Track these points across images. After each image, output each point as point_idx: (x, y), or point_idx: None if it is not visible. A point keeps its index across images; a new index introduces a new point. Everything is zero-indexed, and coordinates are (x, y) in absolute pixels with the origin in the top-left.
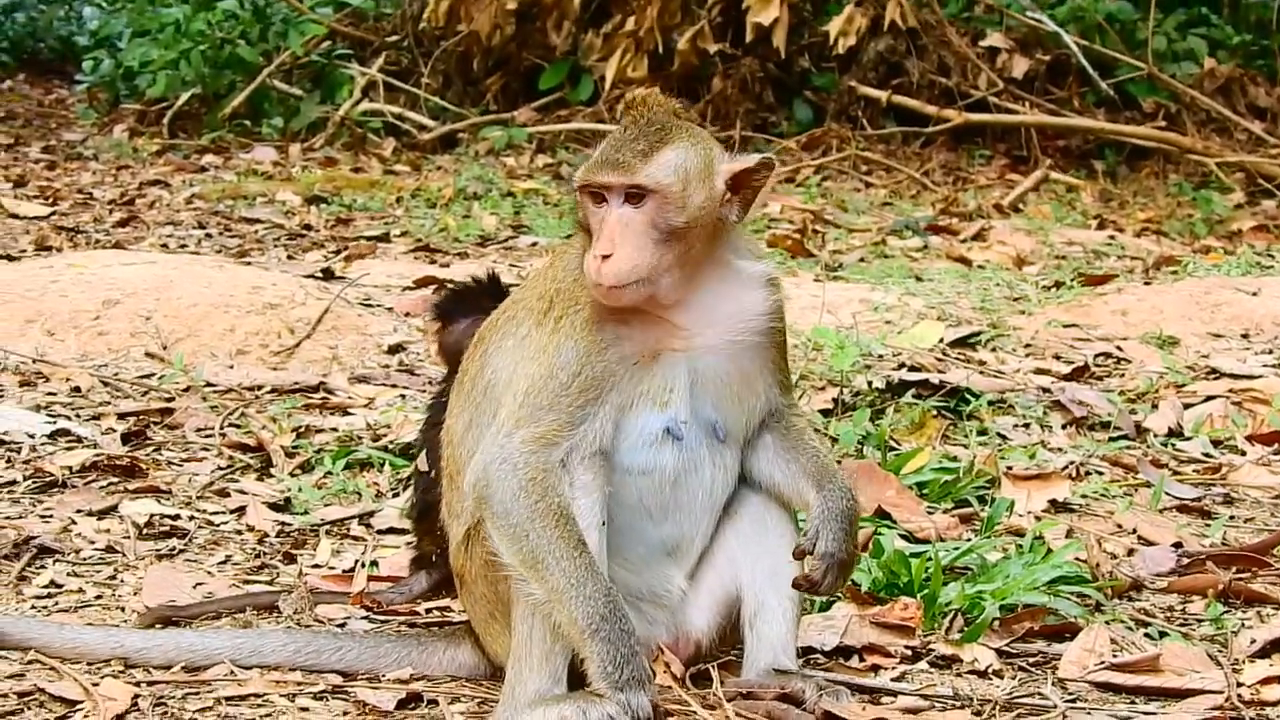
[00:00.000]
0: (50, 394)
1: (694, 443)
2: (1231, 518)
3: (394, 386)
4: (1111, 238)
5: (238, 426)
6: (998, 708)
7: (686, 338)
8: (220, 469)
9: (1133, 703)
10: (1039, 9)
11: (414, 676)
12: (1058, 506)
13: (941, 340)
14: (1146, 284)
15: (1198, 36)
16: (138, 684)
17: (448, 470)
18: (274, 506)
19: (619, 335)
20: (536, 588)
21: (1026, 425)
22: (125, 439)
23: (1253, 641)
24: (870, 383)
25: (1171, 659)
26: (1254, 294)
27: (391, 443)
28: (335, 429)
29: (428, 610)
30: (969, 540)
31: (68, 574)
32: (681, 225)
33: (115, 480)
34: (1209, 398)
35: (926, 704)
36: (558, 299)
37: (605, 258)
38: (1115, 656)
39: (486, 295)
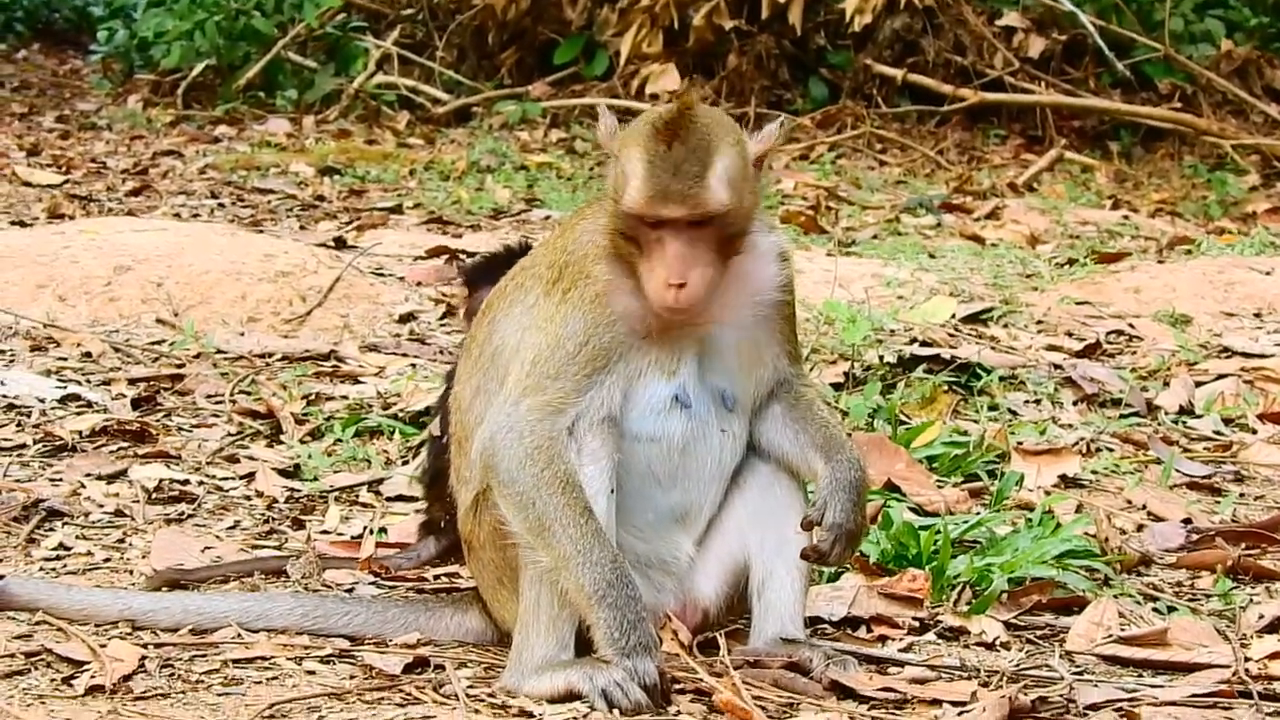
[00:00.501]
0: (61, 359)
1: (703, 411)
2: (1241, 495)
3: (405, 355)
4: (1126, 218)
5: (248, 393)
6: (1004, 679)
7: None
8: (230, 435)
9: (1140, 676)
10: None
11: (421, 641)
12: (1068, 482)
13: (953, 316)
14: (1160, 263)
15: (1215, 18)
16: (145, 645)
17: (456, 436)
18: (283, 473)
19: (628, 309)
20: (543, 554)
21: (1037, 401)
22: (135, 404)
23: (1260, 617)
24: (881, 357)
25: (1179, 633)
26: (1267, 273)
27: (402, 411)
28: (346, 397)
29: (435, 576)
30: (978, 514)
31: (76, 537)
32: (739, 230)
33: (125, 445)
34: (1221, 376)
35: (934, 674)
36: (567, 270)
37: (680, 286)
38: (1123, 630)
39: (514, 263)
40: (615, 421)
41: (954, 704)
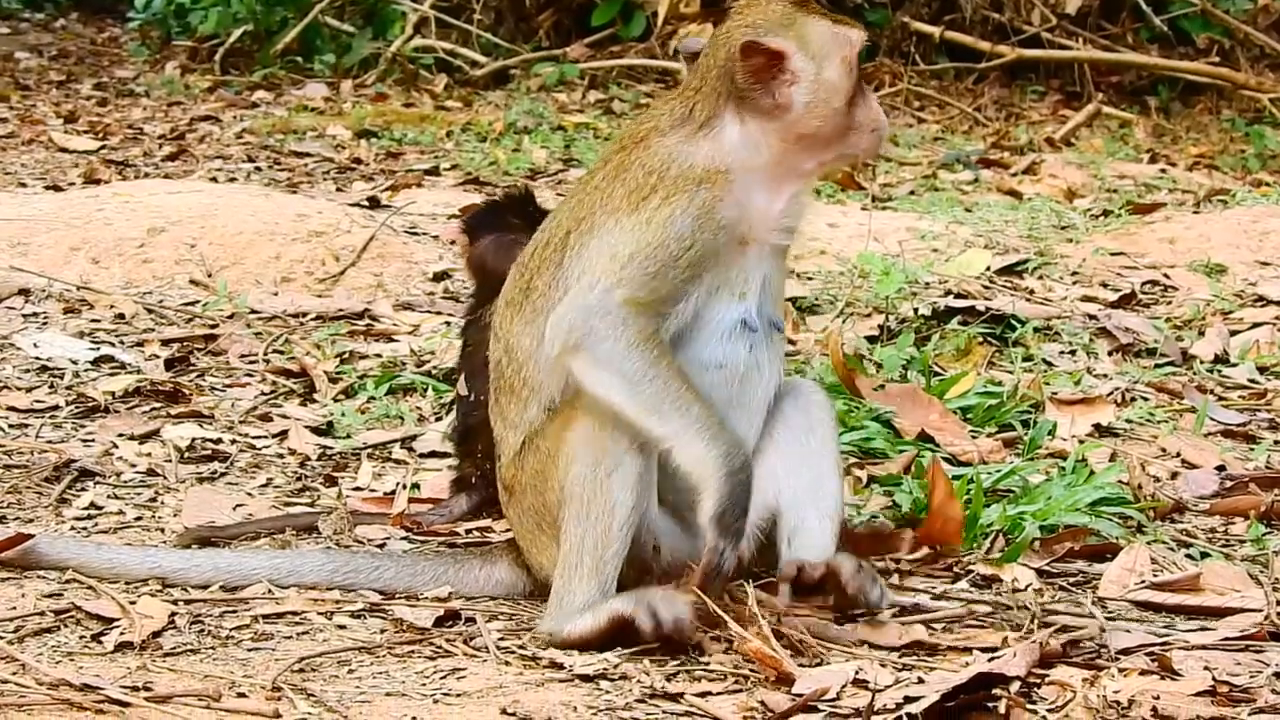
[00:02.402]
0: (94, 321)
1: (762, 338)
2: (1276, 442)
3: (439, 313)
4: (1163, 171)
5: (281, 353)
6: (1036, 624)
7: (774, 228)
8: (263, 394)
9: (1171, 621)
10: None
11: (452, 595)
12: (1102, 431)
13: (988, 268)
14: (1195, 213)
15: None
16: (175, 602)
17: (504, 378)
18: (316, 431)
19: (728, 216)
20: (657, 428)
21: (1072, 352)
22: (168, 365)
23: None
24: (916, 310)
25: (1212, 578)
26: None
27: (435, 368)
28: (379, 355)
29: (468, 531)
30: (1012, 464)
31: (108, 496)
32: None
33: (158, 405)
34: (1255, 324)
35: (965, 621)
36: (663, 184)
37: None
38: (1155, 576)
39: (515, 211)
40: (678, 344)
41: (984, 650)
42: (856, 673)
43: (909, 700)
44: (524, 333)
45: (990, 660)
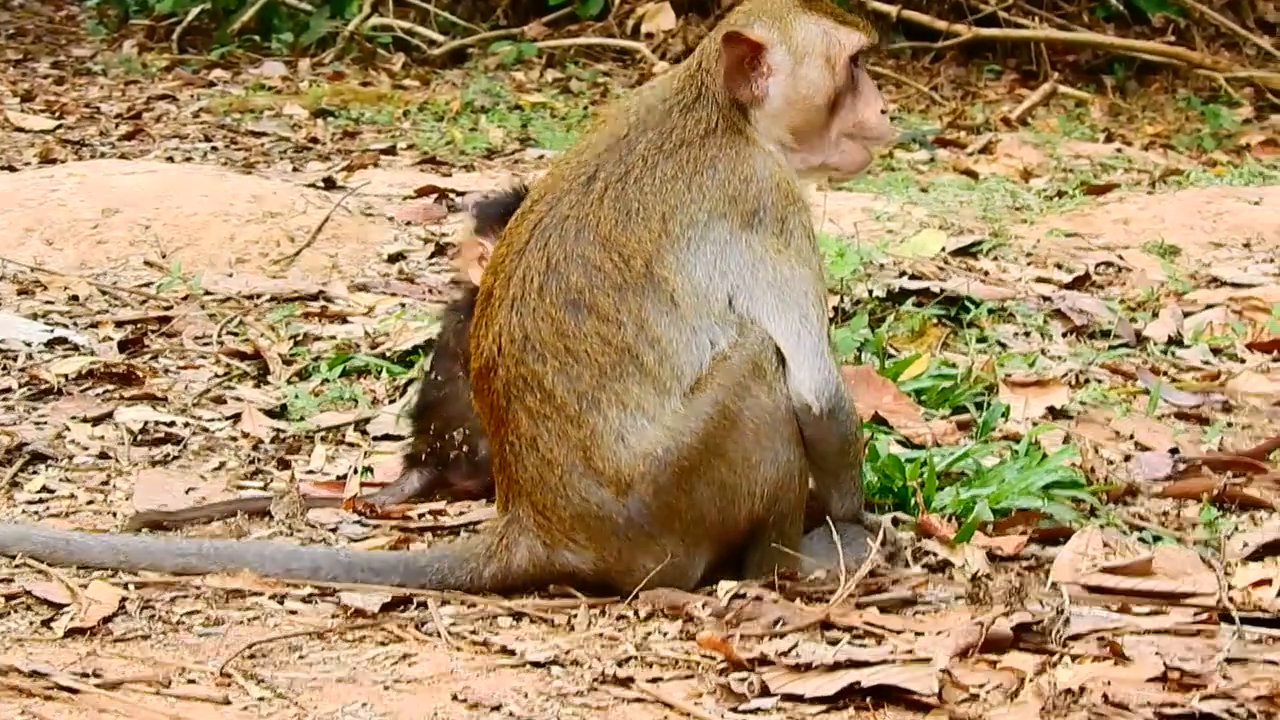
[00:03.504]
0: (48, 302)
1: None
2: (1229, 424)
3: (393, 295)
4: (1119, 150)
5: (235, 334)
6: (984, 607)
7: None
8: (217, 376)
9: (1124, 605)
10: None
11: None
12: (1056, 413)
13: (943, 249)
14: (1149, 194)
15: None
16: (125, 586)
17: (641, 366)
18: (270, 413)
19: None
20: (845, 478)
21: (1027, 333)
22: (122, 347)
23: (1245, 545)
24: (870, 291)
25: (1164, 562)
26: (1256, 203)
27: (389, 350)
28: (334, 337)
29: (420, 515)
30: (965, 446)
31: (60, 479)
32: None
33: (111, 388)
34: (1209, 306)
35: (915, 603)
36: (764, 201)
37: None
38: (1108, 560)
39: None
40: None
41: (935, 633)
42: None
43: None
44: (670, 324)
45: (936, 640)
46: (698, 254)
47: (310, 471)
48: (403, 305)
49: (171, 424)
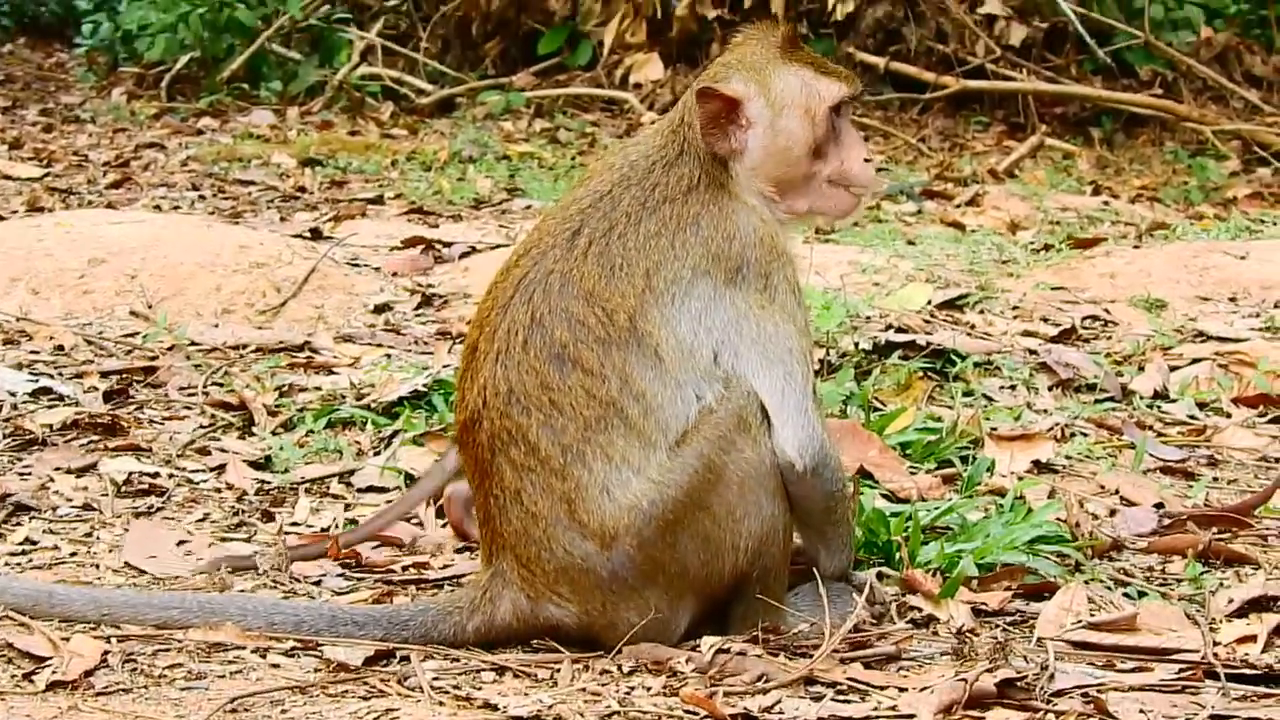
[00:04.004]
0: (33, 352)
1: None
2: (1215, 479)
3: (379, 346)
4: (1106, 203)
5: (221, 385)
6: (969, 663)
7: None
8: (202, 427)
9: (1109, 661)
10: None
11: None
12: (1041, 467)
13: (929, 302)
14: (1136, 248)
15: (1195, 5)
16: (108, 640)
17: (625, 419)
18: (254, 464)
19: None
20: (831, 535)
21: (1012, 387)
22: (107, 397)
23: (1230, 601)
24: (856, 344)
25: (1149, 618)
26: (1242, 257)
27: (375, 402)
28: (319, 388)
29: (405, 568)
30: (950, 500)
31: (43, 531)
32: None
33: (96, 438)
34: (1195, 360)
35: (900, 659)
36: (748, 257)
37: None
38: (1093, 615)
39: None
40: None
41: (919, 689)
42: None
43: None
44: (654, 379)
45: (921, 697)
46: (682, 310)
47: (294, 523)
48: (388, 356)
49: (156, 475)
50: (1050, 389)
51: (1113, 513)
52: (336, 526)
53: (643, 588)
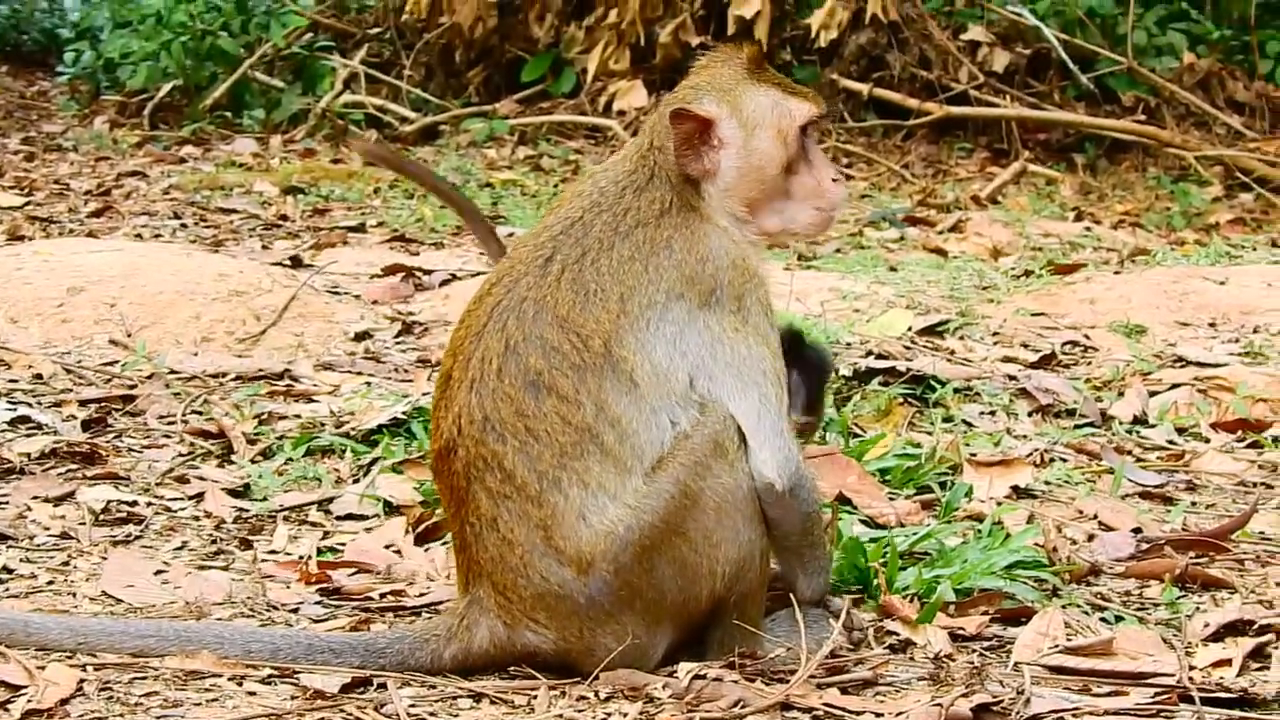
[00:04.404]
0: (11, 381)
1: None
2: (1193, 504)
3: (359, 374)
4: (1088, 229)
5: (200, 413)
6: (945, 688)
7: None
8: (180, 456)
9: (1085, 686)
10: (1020, 3)
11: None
12: (1020, 492)
13: (909, 328)
14: (1116, 273)
15: (1178, 31)
16: (84, 668)
17: (602, 446)
18: (233, 493)
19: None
20: (809, 557)
21: (992, 412)
22: (86, 426)
23: (1206, 625)
24: (837, 370)
25: (1125, 643)
26: (1222, 283)
27: (354, 430)
28: (299, 416)
29: (382, 595)
30: (929, 526)
31: (20, 560)
32: None
33: (74, 467)
34: (1174, 385)
35: (877, 684)
36: (721, 280)
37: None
38: (1069, 640)
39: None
40: None
41: (895, 715)
42: None
43: None
44: (629, 404)
45: None
46: (657, 334)
47: (272, 551)
48: (368, 384)
49: (134, 504)
50: (1030, 414)
51: (1091, 538)
52: (312, 557)
53: (620, 614)
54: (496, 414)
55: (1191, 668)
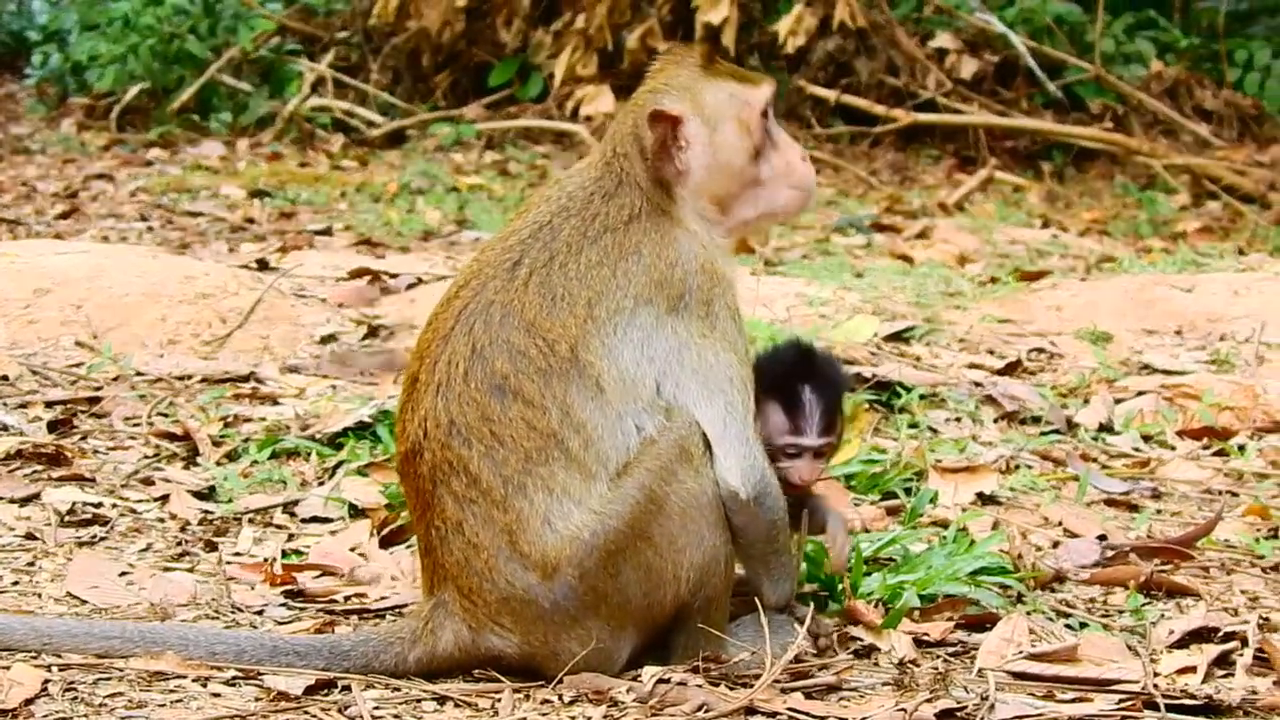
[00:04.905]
0: None
1: None
2: (1158, 511)
3: (325, 377)
4: (1055, 236)
5: (166, 415)
6: (908, 693)
7: None
8: (146, 457)
9: (1049, 692)
10: (988, 10)
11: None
12: (985, 499)
13: (875, 334)
14: (1082, 281)
15: (1146, 39)
16: (48, 668)
17: (567, 451)
18: (198, 495)
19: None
20: (775, 565)
21: (958, 419)
22: (52, 427)
23: (1171, 632)
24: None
25: (1090, 649)
26: (1188, 291)
27: (320, 433)
28: (264, 418)
29: (346, 598)
30: (894, 531)
31: None
32: None
33: (40, 468)
34: (1140, 393)
35: (841, 690)
36: (690, 284)
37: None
38: (1034, 646)
39: None
40: None
41: (857, 719)
42: None
43: None
44: (594, 409)
45: None
46: (624, 339)
47: (237, 554)
48: (334, 387)
49: (99, 505)
50: (995, 421)
51: (1056, 544)
52: (277, 559)
53: (584, 618)
54: (463, 418)
55: (1156, 674)
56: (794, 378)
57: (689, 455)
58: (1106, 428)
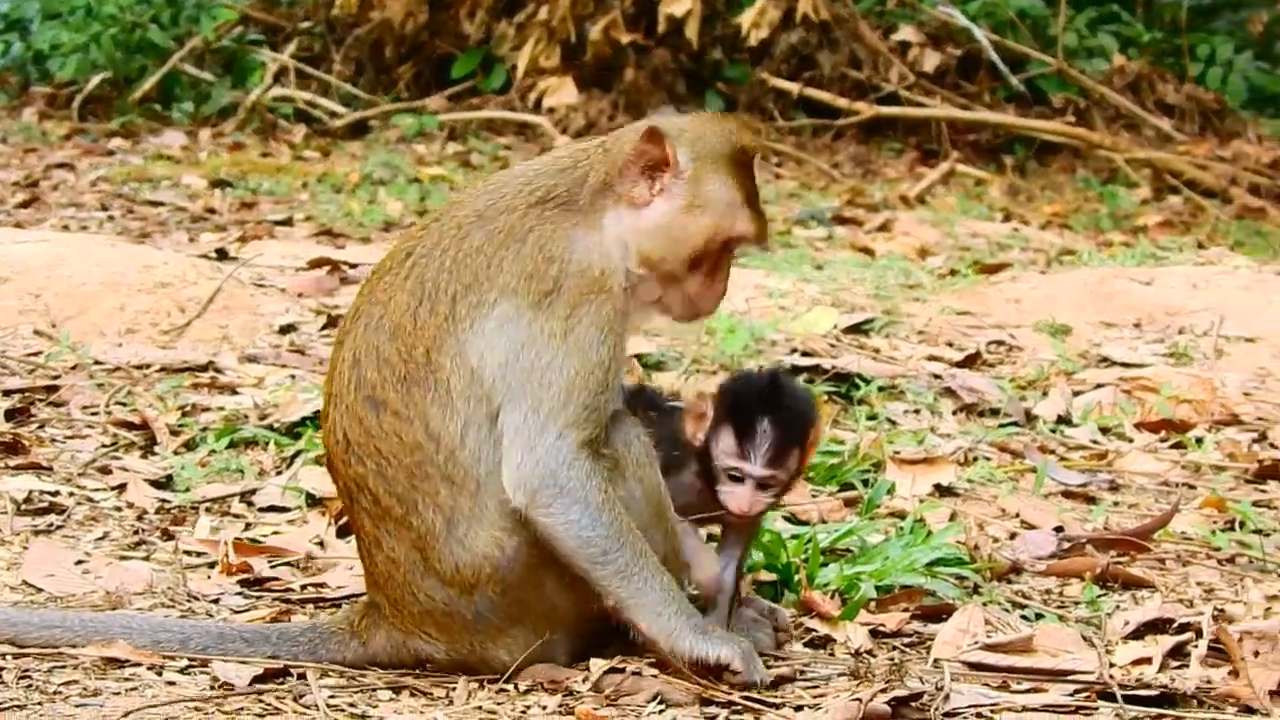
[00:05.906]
0: None
1: None
2: (1116, 503)
3: (284, 366)
4: (1016, 230)
5: (123, 404)
6: (863, 683)
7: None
8: (104, 446)
9: (1004, 682)
10: (951, 4)
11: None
12: (942, 490)
13: (835, 326)
14: (1042, 274)
15: (1108, 33)
16: (2, 656)
17: (433, 464)
18: (155, 484)
19: (638, 319)
20: (621, 593)
21: (917, 411)
22: (9, 415)
23: (1126, 623)
24: (760, 367)
25: (1045, 640)
26: (1147, 284)
27: (278, 422)
28: (222, 408)
29: (303, 587)
30: (851, 522)
31: None
32: None
33: None
34: (1099, 385)
35: (794, 679)
36: (565, 284)
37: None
38: (990, 637)
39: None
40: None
41: (812, 708)
42: None
43: None
44: (446, 418)
45: (814, 716)
46: (478, 335)
47: (194, 545)
48: (293, 377)
49: (56, 494)
50: (954, 413)
51: (1013, 536)
52: (228, 544)
53: (510, 628)
54: (353, 434)
55: (1111, 665)
56: (756, 404)
57: None
58: (1065, 420)
